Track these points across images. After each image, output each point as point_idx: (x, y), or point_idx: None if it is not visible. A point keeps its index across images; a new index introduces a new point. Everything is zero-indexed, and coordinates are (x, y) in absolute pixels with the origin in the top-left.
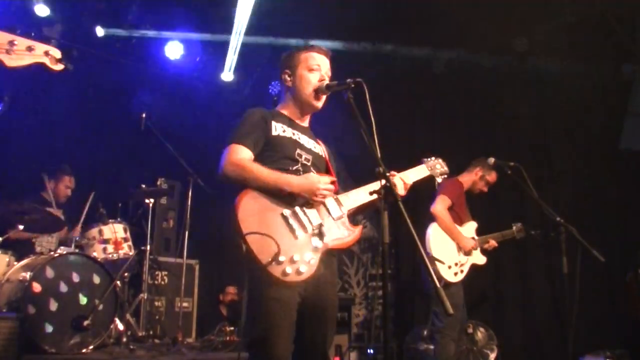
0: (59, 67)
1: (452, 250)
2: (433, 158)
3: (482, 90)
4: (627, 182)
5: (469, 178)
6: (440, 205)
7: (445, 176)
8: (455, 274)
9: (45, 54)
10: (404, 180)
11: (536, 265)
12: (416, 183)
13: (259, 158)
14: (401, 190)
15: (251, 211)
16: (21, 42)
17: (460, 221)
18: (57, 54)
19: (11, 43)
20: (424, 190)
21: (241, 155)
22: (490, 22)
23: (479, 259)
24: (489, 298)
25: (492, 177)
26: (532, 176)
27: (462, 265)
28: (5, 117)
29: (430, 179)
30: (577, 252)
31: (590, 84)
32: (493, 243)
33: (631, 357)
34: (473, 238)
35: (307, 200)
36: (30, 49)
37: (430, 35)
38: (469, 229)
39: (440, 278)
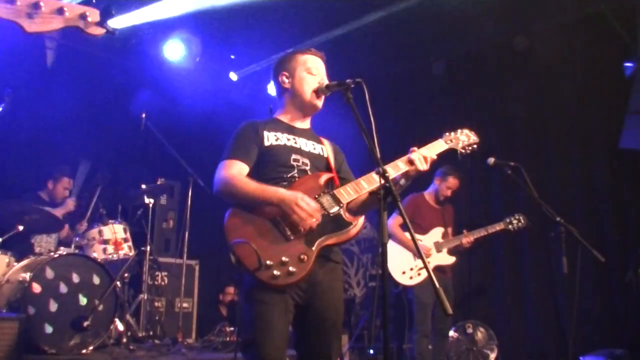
0: (98, 30)
1: (406, 258)
2: (458, 131)
3: (481, 89)
4: (627, 182)
5: (432, 189)
6: (390, 225)
7: (475, 146)
8: (411, 277)
9: (81, 17)
10: (423, 155)
11: (536, 265)
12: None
13: (254, 170)
14: (422, 165)
15: (239, 221)
16: (49, 4)
17: (422, 230)
18: (96, 16)
19: (36, 6)
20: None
21: (232, 170)
22: (489, 20)
23: (445, 259)
24: (489, 298)
25: (450, 183)
26: (531, 176)
27: (419, 269)
28: (5, 117)
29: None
30: (577, 252)
31: (590, 82)
32: (465, 241)
33: (631, 357)
34: (437, 242)
35: (285, 213)
36: (60, 11)
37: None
38: (433, 235)
39: (397, 284)
